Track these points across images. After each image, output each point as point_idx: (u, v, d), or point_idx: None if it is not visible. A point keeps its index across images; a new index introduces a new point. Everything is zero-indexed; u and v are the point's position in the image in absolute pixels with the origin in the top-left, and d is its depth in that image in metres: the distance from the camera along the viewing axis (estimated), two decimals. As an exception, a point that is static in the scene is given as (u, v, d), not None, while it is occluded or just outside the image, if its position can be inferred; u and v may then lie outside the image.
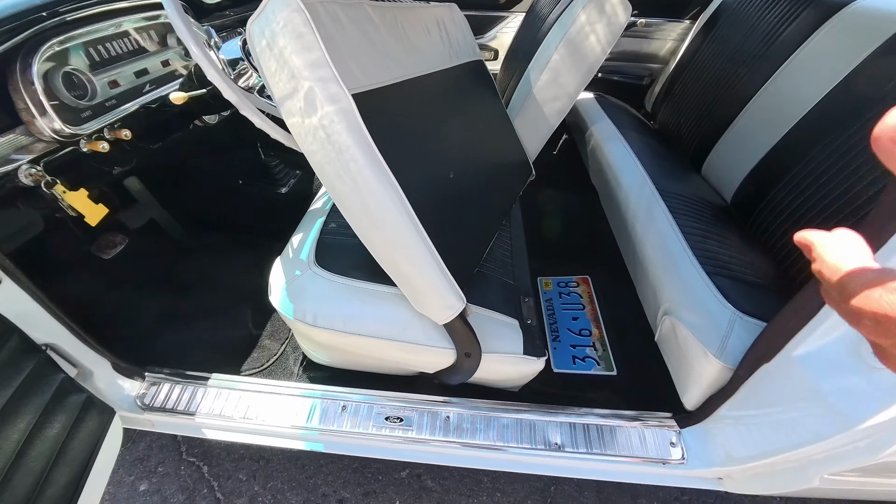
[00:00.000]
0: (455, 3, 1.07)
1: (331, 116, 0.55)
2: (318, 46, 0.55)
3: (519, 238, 1.06)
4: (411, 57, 0.77)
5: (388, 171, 0.60)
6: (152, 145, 0.94)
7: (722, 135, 1.24)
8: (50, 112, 0.64)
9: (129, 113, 0.80)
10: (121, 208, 1.10)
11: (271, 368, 0.96)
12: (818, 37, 1.05)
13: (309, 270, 0.78)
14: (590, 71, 1.08)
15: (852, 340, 0.49)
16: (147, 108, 0.83)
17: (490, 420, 0.79)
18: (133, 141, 0.83)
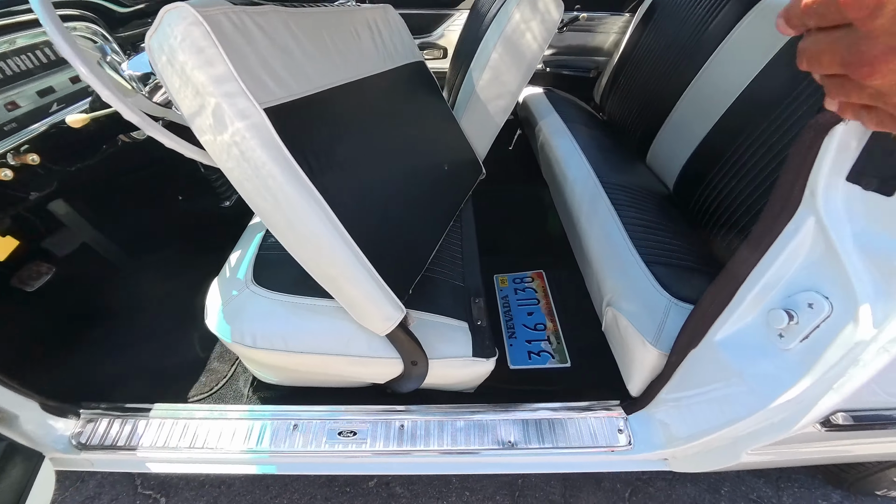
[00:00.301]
0: (390, 4, 1.05)
1: (242, 133, 0.53)
2: (221, 60, 0.52)
3: (470, 238, 1.06)
4: (336, 64, 0.75)
5: (311, 185, 0.58)
6: (69, 167, 0.88)
7: (663, 124, 1.28)
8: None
9: (38, 135, 0.74)
10: (46, 235, 1.03)
11: (221, 392, 0.92)
12: (740, 28, 1.10)
13: (246, 289, 0.75)
14: (529, 68, 1.09)
15: (763, 324, 0.52)
16: (59, 127, 0.78)
17: (443, 425, 0.79)
18: (45, 164, 0.77)
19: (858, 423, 0.51)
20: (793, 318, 0.47)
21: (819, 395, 0.46)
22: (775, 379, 0.50)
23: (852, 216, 0.41)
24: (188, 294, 1.15)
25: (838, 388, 0.45)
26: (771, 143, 0.88)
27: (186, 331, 1.05)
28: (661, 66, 1.36)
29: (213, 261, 1.20)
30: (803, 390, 0.47)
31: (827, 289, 0.44)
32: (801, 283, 0.47)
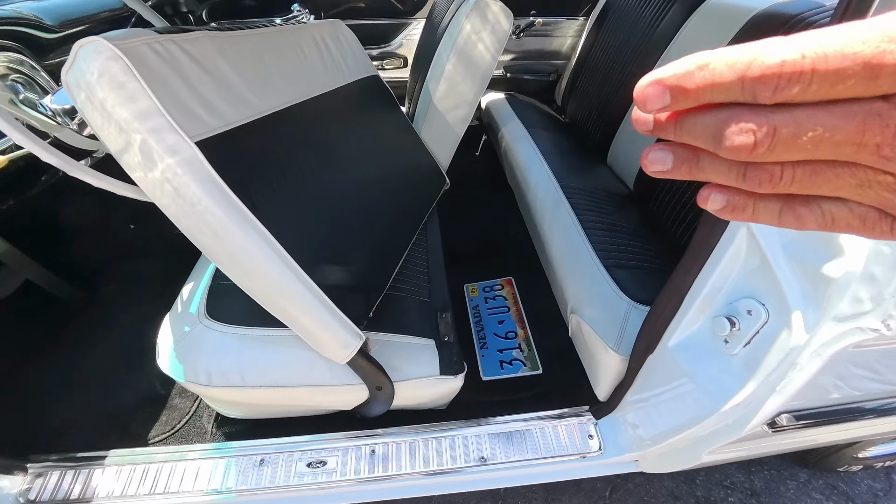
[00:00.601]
0: (339, 19, 1.03)
1: (173, 169, 0.51)
2: (145, 95, 0.49)
3: (436, 250, 1.05)
4: (279, 87, 0.73)
5: (252, 217, 0.56)
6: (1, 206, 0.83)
7: (620, 124, 1.31)
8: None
9: None
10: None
11: (183, 430, 0.88)
12: (686, 29, 1.13)
13: (199, 325, 0.72)
14: (484, 77, 1.09)
15: (709, 330, 0.53)
16: None
17: (414, 446, 0.78)
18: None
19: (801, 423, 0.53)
20: (734, 325, 0.48)
21: (764, 397, 0.48)
22: (724, 383, 0.51)
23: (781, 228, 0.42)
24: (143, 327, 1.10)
25: (780, 390, 0.46)
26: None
27: (143, 366, 1.00)
28: (616, 68, 1.39)
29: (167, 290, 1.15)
30: (750, 393, 0.48)
31: (763, 296, 0.45)
32: (740, 291, 0.48)
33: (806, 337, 0.41)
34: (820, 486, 1.14)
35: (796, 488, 1.14)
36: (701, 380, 0.55)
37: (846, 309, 0.38)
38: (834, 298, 0.39)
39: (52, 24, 0.85)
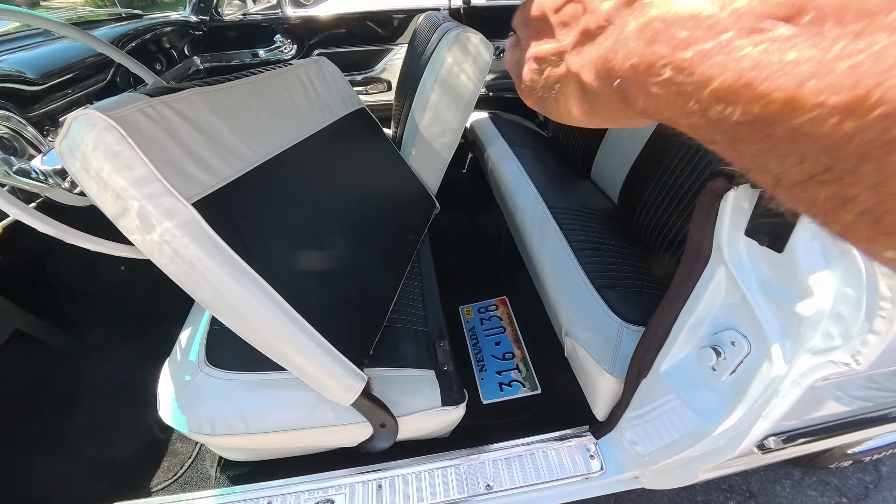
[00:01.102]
0: (325, 56, 1.05)
1: (172, 232, 0.52)
2: (140, 162, 0.51)
3: (429, 276, 1.07)
4: (269, 134, 0.74)
5: (250, 270, 0.57)
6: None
7: (602, 141, 1.35)
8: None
9: None
10: (-29, 329, 0.95)
11: (186, 476, 0.88)
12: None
13: (200, 373, 0.73)
14: (468, 105, 1.12)
15: (696, 358, 0.56)
16: None
17: (421, 477, 0.79)
18: None
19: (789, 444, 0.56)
20: (720, 355, 0.51)
21: (752, 422, 0.50)
22: (714, 408, 0.54)
23: (756, 266, 0.45)
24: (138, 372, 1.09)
25: (766, 415, 0.48)
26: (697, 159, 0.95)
27: (139, 412, 0.99)
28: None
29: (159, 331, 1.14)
30: (738, 418, 0.51)
31: (744, 329, 0.48)
32: (722, 323, 0.51)
33: (785, 367, 0.44)
34: (813, 482, 1.18)
35: (791, 487, 1.17)
36: (692, 404, 0.58)
37: (819, 343, 0.41)
38: (808, 334, 0.41)
39: (34, 77, 0.85)
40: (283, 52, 1.62)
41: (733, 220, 0.44)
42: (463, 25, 1.06)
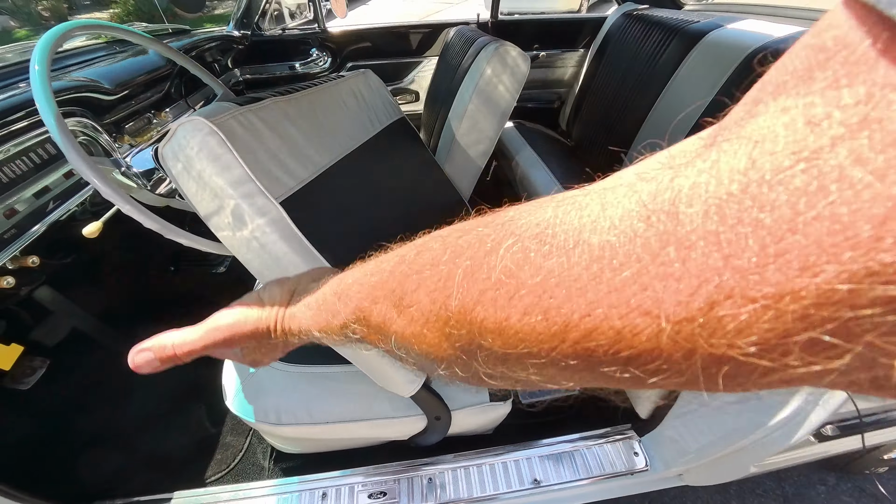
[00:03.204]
0: (370, 70, 1.11)
1: (262, 228, 0.56)
2: (237, 164, 0.55)
3: (468, 279, 1.10)
4: (332, 141, 0.79)
5: (328, 265, 0.61)
6: (65, 260, 0.87)
7: (629, 150, 1.39)
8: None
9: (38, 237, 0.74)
10: (35, 326, 1.00)
11: (238, 468, 0.91)
12: (687, 63, 1.22)
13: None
14: (504, 115, 1.17)
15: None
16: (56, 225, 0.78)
17: (470, 471, 0.81)
18: (44, 262, 0.77)
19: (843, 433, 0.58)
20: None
21: (808, 410, 0.53)
22: (767, 399, 0.56)
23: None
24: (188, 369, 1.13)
25: (824, 403, 0.51)
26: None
27: (192, 407, 1.03)
28: (620, 95, 1.49)
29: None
30: (795, 408, 0.53)
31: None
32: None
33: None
34: (848, 488, 1.18)
35: (826, 493, 1.17)
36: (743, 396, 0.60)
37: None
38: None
39: (110, 88, 0.92)
40: (319, 64, 1.69)
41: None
42: (500, 39, 1.11)
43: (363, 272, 0.24)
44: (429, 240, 0.20)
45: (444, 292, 0.16)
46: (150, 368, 0.31)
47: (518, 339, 0.13)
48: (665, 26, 1.34)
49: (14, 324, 0.88)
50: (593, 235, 0.12)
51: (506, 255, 0.14)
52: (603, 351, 0.12)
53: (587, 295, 0.12)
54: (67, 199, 0.79)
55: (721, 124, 0.13)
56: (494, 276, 0.14)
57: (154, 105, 1.12)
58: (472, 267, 0.15)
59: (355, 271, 0.25)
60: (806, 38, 0.11)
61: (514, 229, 0.15)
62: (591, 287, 0.12)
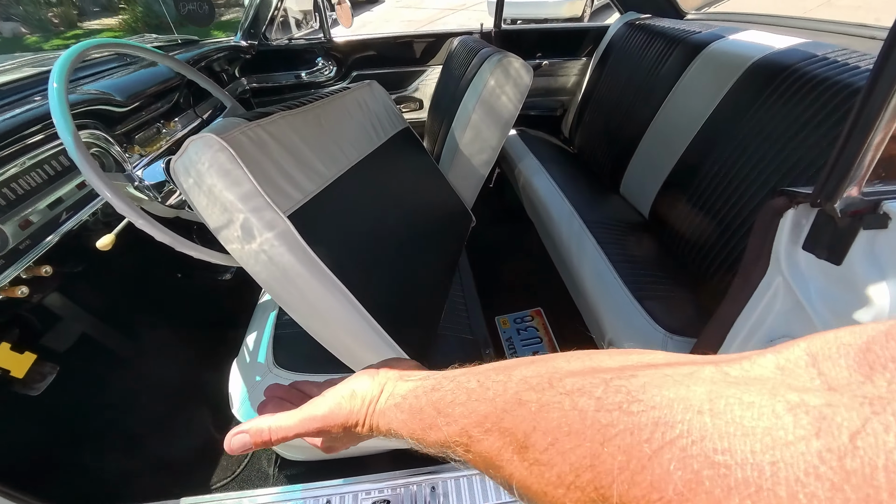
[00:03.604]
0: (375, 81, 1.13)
1: (271, 241, 0.58)
2: (247, 179, 0.57)
3: (469, 286, 1.12)
4: (338, 152, 0.81)
5: (333, 277, 0.62)
6: (76, 269, 0.89)
7: (631, 158, 1.40)
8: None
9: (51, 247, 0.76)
10: (44, 331, 1.01)
11: (244, 475, 0.92)
12: (689, 73, 1.23)
13: (270, 374, 0.78)
14: (507, 125, 1.18)
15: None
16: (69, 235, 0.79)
17: (472, 480, 0.82)
18: (56, 272, 0.79)
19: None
20: (777, 361, 0.54)
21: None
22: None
23: (813, 276, 0.49)
24: (194, 373, 1.14)
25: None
26: (730, 176, 0.99)
27: (197, 414, 1.04)
28: (623, 104, 1.50)
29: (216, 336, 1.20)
30: (795, 421, 0.54)
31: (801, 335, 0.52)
32: (779, 330, 0.54)
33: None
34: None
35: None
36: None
37: (879, 348, 0.45)
38: (867, 339, 0.45)
39: (121, 100, 0.94)
40: (324, 73, 1.72)
41: (792, 236, 0.48)
42: (503, 51, 1.13)
43: (466, 393, 0.23)
44: (547, 389, 0.19)
45: (595, 474, 0.15)
46: (243, 450, 0.32)
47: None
48: (667, 36, 1.35)
49: (25, 330, 0.89)
50: (779, 486, 0.11)
51: (674, 474, 0.13)
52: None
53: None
54: (80, 209, 0.81)
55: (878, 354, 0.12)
56: (667, 495, 0.13)
57: (163, 115, 1.14)
58: (630, 466, 0.14)
59: (455, 388, 0.24)
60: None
61: (671, 436, 0.13)
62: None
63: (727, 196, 0.98)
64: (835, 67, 0.85)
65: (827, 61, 0.88)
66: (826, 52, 0.91)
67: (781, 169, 0.85)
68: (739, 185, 0.94)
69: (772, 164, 0.87)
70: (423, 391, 0.27)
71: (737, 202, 0.94)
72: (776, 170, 0.86)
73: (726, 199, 0.98)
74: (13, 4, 8.03)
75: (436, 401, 0.25)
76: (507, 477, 0.19)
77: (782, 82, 0.92)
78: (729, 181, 0.98)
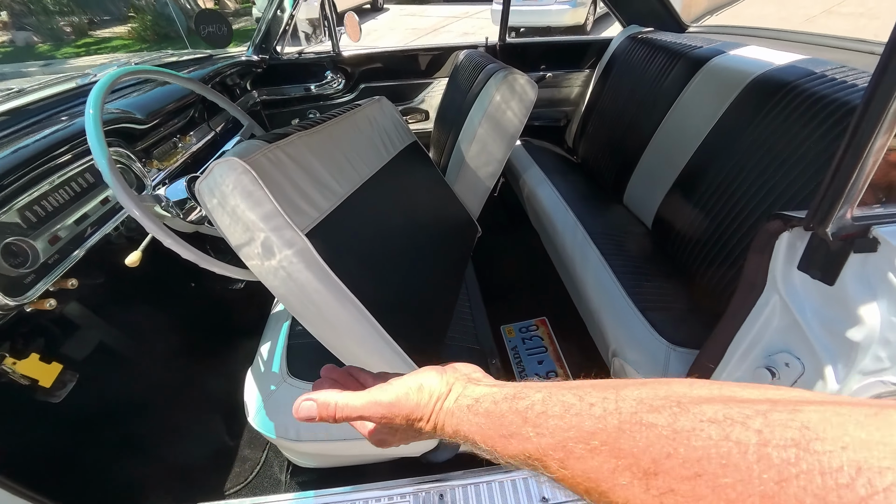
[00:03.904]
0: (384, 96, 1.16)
1: (290, 258, 0.61)
2: (267, 200, 0.60)
3: (475, 296, 1.14)
4: (350, 170, 0.84)
5: (348, 292, 0.65)
6: (97, 281, 0.93)
7: (634, 169, 1.42)
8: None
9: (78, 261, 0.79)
10: (65, 340, 1.05)
11: (256, 482, 0.94)
12: (691, 87, 1.26)
13: (284, 383, 0.80)
14: (512, 138, 1.21)
15: (751, 378, 0.61)
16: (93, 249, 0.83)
17: (480, 488, 0.84)
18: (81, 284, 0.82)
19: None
20: (775, 375, 0.56)
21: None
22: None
23: (808, 296, 0.51)
24: (208, 381, 1.17)
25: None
26: (732, 189, 1.01)
27: (211, 421, 1.07)
28: (626, 116, 1.52)
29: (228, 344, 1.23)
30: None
31: (798, 351, 0.54)
32: (777, 346, 0.56)
33: (838, 387, 0.50)
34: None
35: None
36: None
37: (869, 365, 0.47)
38: (858, 356, 0.47)
39: (142, 117, 0.98)
40: (333, 86, 1.76)
41: (787, 257, 0.50)
42: (508, 67, 1.16)
43: (562, 407, 0.22)
44: (680, 415, 0.17)
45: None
46: (308, 417, 0.31)
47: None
48: (669, 51, 1.38)
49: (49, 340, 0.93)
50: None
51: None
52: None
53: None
54: (103, 224, 0.85)
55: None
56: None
57: (179, 130, 1.18)
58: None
59: (547, 399, 0.23)
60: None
61: (882, 484, 0.12)
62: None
63: (729, 208, 1.00)
64: (833, 85, 0.88)
65: (825, 78, 0.90)
66: (825, 69, 0.93)
67: (782, 183, 0.87)
68: (741, 198, 0.97)
69: (772, 179, 0.89)
70: (503, 398, 0.25)
71: (738, 214, 0.96)
72: (777, 184, 0.88)
73: (728, 211, 1.00)
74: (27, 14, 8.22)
75: (522, 409, 0.23)
76: (619, 501, 0.18)
77: (782, 98, 0.94)
78: (731, 194, 1.01)
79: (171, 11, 7.81)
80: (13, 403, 0.83)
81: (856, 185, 0.43)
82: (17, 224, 0.69)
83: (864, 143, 0.42)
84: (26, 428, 0.91)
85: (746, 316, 0.57)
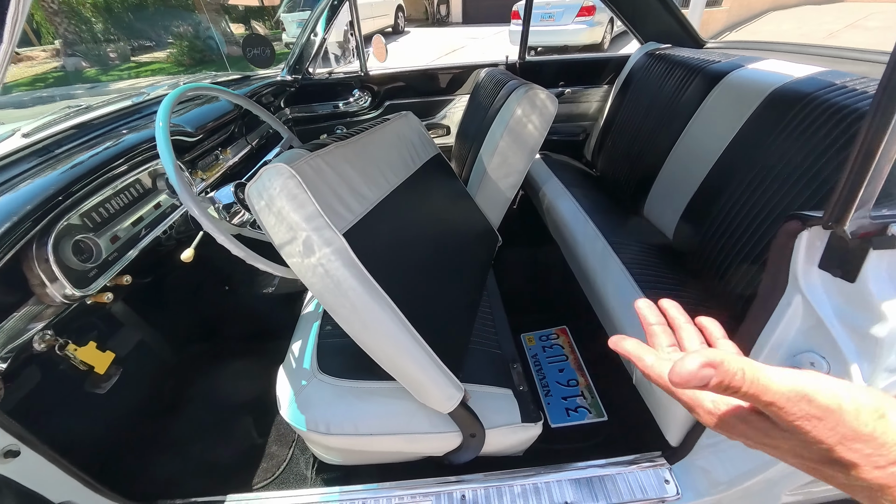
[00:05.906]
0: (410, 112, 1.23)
1: (328, 256, 0.65)
2: (310, 202, 0.65)
3: (497, 304, 1.17)
4: (381, 178, 0.89)
5: (381, 290, 0.69)
6: (145, 279, 1.00)
7: (653, 182, 1.44)
8: (62, 280, 0.70)
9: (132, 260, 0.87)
10: (110, 336, 1.12)
11: (283, 477, 0.97)
12: (710, 101, 1.28)
13: (315, 379, 0.84)
14: (533, 151, 1.25)
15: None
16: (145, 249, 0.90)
17: (502, 490, 0.85)
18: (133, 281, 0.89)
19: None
20: (800, 376, 0.57)
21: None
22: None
23: (830, 294, 0.52)
24: (240, 382, 1.23)
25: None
26: (752, 201, 1.02)
27: (241, 418, 1.11)
28: (644, 130, 1.55)
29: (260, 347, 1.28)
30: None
31: (823, 350, 0.54)
32: (801, 346, 0.57)
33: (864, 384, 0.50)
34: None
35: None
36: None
37: (895, 362, 0.47)
38: (884, 354, 0.48)
39: (192, 131, 1.07)
40: (359, 103, 1.86)
41: (807, 256, 0.52)
42: (529, 83, 1.21)
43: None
44: None
45: None
46: (697, 385, 0.22)
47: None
48: (687, 65, 1.41)
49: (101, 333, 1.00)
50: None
51: None
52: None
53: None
54: (155, 226, 0.92)
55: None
56: None
57: (221, 143, 1.28)
58: None
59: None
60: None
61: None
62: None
63: (749, 220, 1.00)
64: (853, 95, 0.89)
65: (846, 90, 0.92)
66: (844, 80, 0.94)
67: (804, 194, 0.88)
68: (762, 210, 0.97)
69: (793, 190, 0.90)
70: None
71: (759, 226, 0.97)
72: (798, 195, 0.89)
73: (749, 224, 1.00)
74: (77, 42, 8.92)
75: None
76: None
77: (801, 110, 0.96)
78: (752, 206, 1.01)
79: (206, 37, 8.37)
80: (65, 392, 0.90)
81: (872, 183, 0.44)
82: (84, 225, 0.77)
83: (879, 141, 0.43)
84: (77, 417, 0.98)
85: (769, 317, 0.58)
